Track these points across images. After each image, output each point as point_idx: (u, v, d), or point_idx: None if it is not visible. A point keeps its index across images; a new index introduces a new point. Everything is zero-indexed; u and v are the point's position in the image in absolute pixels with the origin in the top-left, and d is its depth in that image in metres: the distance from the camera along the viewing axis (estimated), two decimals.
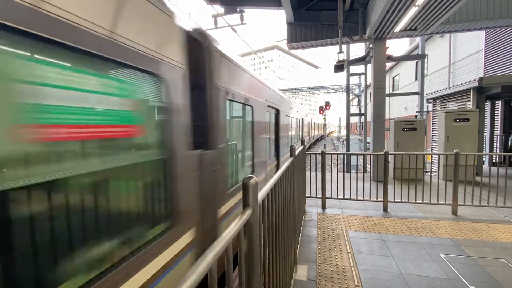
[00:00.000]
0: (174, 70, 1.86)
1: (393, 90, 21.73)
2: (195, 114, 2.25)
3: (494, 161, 8.90)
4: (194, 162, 2.13)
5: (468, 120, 6.71)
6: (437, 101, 9.40)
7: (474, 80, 6.97)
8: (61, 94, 1.13)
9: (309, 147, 22.72)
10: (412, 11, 5.19)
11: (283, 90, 31.08)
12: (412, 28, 6.69)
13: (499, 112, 9.13)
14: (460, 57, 12.67)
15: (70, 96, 1.17)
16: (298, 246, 3.25)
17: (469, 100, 7.34)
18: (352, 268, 2.81)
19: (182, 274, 1.62)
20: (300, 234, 3.58)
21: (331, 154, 5.24)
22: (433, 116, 9.65)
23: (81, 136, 1.22)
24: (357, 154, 13.40)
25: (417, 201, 4.55)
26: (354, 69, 14.52)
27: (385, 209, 4.59)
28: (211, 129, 2.42)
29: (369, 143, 12.71)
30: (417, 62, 15.79)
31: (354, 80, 21.68)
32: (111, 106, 1.39)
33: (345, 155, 12.34)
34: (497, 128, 9.07)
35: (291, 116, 8.49)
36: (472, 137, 6.69)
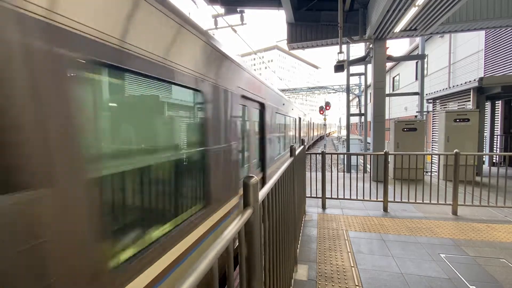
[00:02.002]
0: None
1: (393, 90, 21.74)
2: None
3: (494, 161, 8.90)
4: None
5: (468, 120, 6.71)
6: (437, 101, 9.40)
7: (474, 80, 6.97)
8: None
9: (309, 148, 22.73)
10: (412, 11, 5.19)
11: (283, 90, 31.09)
12: (412, 28, 6.70)
13: (499, 112, 9.13)
14: (460, 57, 12.67)
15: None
16: (298, 246, 3.25)
17: (469, 100, 7.34)
18: (352, 268, 2.81)
19: None
20: (300, 234, 3.58)
21: (331, 154, 5.24)
22: (433, 116, 9.65)
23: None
24: (357, 154, 13.40)
25: (417, 201, 4.55)
26: (354, 69, 14.56)
27: (385, 209, 4.59)
28: None
29: (369, 143, 12.73)
30: (417, 62, 15.79)
31: (354, 80, 21.68)
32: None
33: (345, 155, 12.35)
34: (497, 128, 9.06)
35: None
36: (472, 137, 6.69)
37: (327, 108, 21.99)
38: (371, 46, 7.54)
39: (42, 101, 0.94)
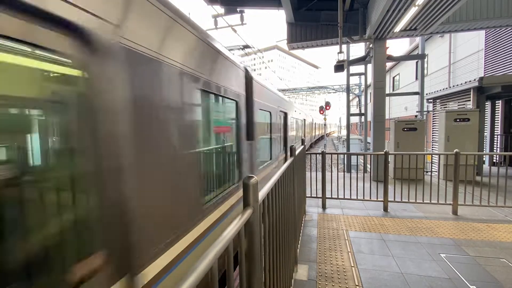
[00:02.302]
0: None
1: (393, 90, 21.73)
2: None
3: (494, 161, 8.89)
4: None
5: (469, 120, 6.71)
6: (437, 101, 9.39)
7: (474, 80, 6.97)
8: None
9: (310, 147, 22.72)
10: (412, 11, 5.19)
11: (283, 90, 31.06)
12: (412, 28, 6.69)
13: (500, 112, 9.12)
14: (460, 57, 12.66)
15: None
16: (299, 246, 3.25)
17: (469, 100, 7.34)
18: (353, 268, 2.81)
19: None
20: (301, 234, 3.58)
21: (331, 154, 5.24)
22: (433, 116, 9.64)
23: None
24: (357, 154, 13.39)
25: (417, 201, 4.55)
26: (354, 69, 14.56)
27: (385, 209, 4.59)
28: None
29: (369, 143, 12.72)
30: (417, 62, 15.79)
31: (354, 80, 21.67)
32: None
33: (345, 155, 12.34)
34: (498, 128, 9.06)
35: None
36: (473, 137, 6.69)
37: (327, 108, 21.97)
38: (371, 46, 7.53)
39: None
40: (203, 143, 2.31)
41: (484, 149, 8.11)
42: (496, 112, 8.84)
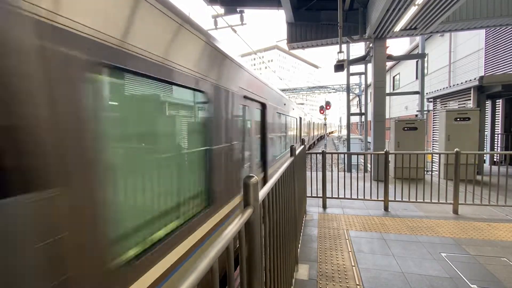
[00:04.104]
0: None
1: (393, 89, 21.70)
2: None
3: (495, 160, 8.88)
4: None
5: (469, 119, 6.70)
6: (437, 100, 9.38)
7: (475, 79, 6.96)
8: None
9: (309, 148, 22.71)
10: (412, 10, 5.18)
11: (283, 90, 31.09)
12: (412, 27, 6.69)
13: (500, 111, 9.11)
14: (460, 56, 12.64)
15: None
16: (299, 245, 3.26)
17: (470, 99, 7.33)
18: (353, 267, 2.81)
19: None
20: (301, 234, 3.59)
21: (332, 153, 5.24)
22: (433, 116, 9.63)
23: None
24: (357, 154, 13.37)
25: (418, 200, 4.55)
26: (354, 68, 14.54)
27: (386, 208, 4.59)
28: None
29: (369, 142, 12.70)
30: (417, 61, 15.77)
31: (354, 79, 21.66)
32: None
33: (345, 155, 12.33)
34: (498, 127, 9.05)
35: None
36: (473, 136, 6.68)
37: (328, 107, 21.96)
38: (371, 45, 7.53)
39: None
40: None
41: (485, 148, 8.10)
42: (496, 111, 8.83)
